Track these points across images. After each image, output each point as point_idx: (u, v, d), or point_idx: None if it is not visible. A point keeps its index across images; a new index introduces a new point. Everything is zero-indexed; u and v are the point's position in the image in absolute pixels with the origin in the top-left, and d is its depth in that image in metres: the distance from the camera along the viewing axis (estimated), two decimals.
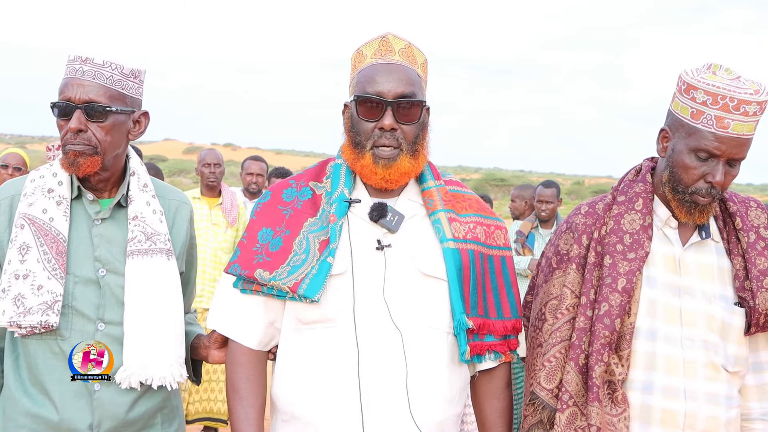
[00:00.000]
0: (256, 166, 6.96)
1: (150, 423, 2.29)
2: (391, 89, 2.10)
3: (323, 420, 2.06)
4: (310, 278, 2.05)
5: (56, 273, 2.17)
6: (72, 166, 2.21)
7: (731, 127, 2.03)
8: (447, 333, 2.13)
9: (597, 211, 2.24)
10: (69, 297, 2.19)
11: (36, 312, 2.12)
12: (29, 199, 2.24)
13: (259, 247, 2.14)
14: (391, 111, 2.09)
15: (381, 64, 2.15)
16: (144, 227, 2.27)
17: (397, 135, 2.11)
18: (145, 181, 2.35)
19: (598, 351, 2.10)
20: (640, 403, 2.12)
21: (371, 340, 2.05)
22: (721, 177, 2.06)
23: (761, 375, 2.23)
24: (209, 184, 6.30)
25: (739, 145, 2.04)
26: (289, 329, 2.16)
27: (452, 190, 2.26)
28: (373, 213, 2.13)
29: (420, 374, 2.07)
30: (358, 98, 2.12)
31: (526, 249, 6.57)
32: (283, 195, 2.21)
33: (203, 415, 5.93)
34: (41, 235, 2.19)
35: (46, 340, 2.19)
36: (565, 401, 2.14)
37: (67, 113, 2.20)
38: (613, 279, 2.13)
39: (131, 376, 2.19)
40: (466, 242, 2.16)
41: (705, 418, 2.10)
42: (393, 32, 2.20)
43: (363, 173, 2.15)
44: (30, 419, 2.19)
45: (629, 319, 2.12)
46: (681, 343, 2.12)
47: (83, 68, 2.19)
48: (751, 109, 2.02)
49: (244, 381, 2.17)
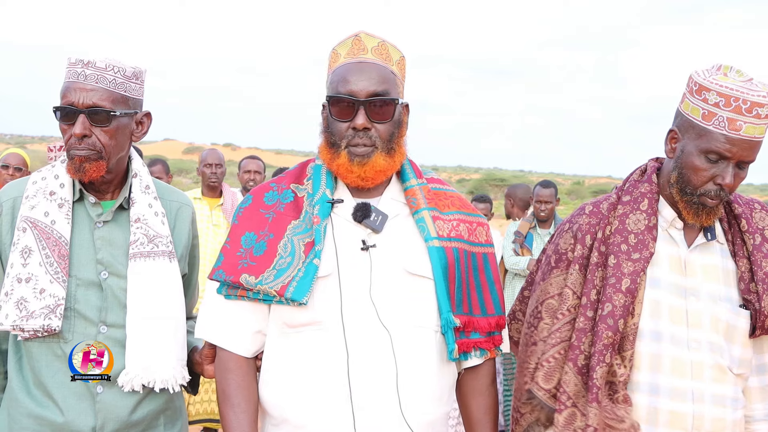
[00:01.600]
0: (253, 164, 6.96)
1: (153, 425, 2.30)
2: (362, 88, 2.08)
3: (314, 422, 2.05)
4: (297, 281, 2.04)
5: (58, 276, 2.17)
6: (78, 171, 2.21)
7: (743, 130, 2.01)
8: (435, 331, 2.12)
9: (601, 211, 2.23)
10: (71, 300, 2.20)
11: (38, 316, 2.13)
12: (31, 201, 2.24)
13: (243, 252, 2.11)
14: (363, 110, 2.08)
15: (353, 63, 2.13)
16: (146, 230, 2.27)
17: (371, 134, 2.09)
18: (147, 182, 2.35)
19: (601, 352, 2.08)
20: (646, 404, 2.11)
21: (360, 341, 2.04)
22: (731, 179, 2.05)
23: (765, 377, 2.22)
24: (210, 185, 6.29)
25: (750, 147, 2.03)
26: (275, 333, 2.14)
27: (434, 188, 2.25)
28: (357, 213, 2.12)
29: (410, 374, 2.06)
30: (330, 98, 2.11)
31: (525, 249, 6.57)
32: (265, 198, 2.19)
33: (204, 417, 5.92)
34: (43, 238, 2.19)
35: (49, 343, 2.19)
36: (564, 402, 2.13)
37: (71, 118, 2.20)
38: (617, 279, 2.11)
39: (134, 379, 2.19)
40: (450, 240, 2.16)
41: (712, 419, 2.09)
42: (365, 30, 2.19)
43: (339, 172, 2.13)
44: (33, 421, 2.20)
45: (632, 319, 2.11)
46: (687, 345, 2.11)
47: (85, 72, 2.18)
48: (763, 112, 2.01)
49: (235, 388, 2.14)
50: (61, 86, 2.23)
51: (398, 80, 2.17)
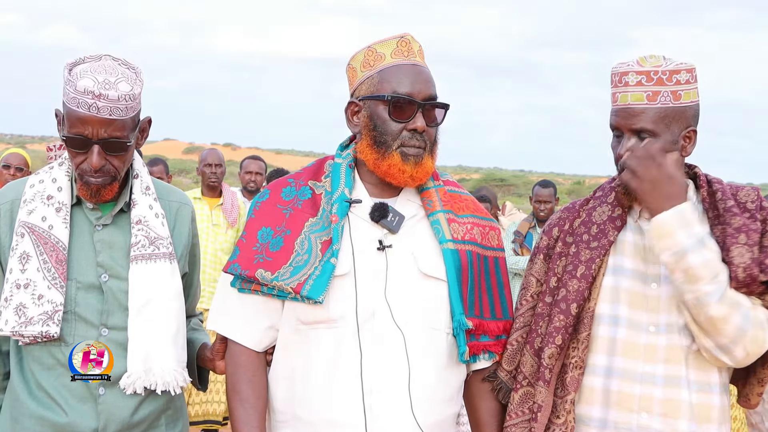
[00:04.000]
0: (254, 164, 6.97)
1: (154, 425, 2.30)
2: (420, 91, 2.11)
3: (325, 420, 2.06)
4: (314, 279, 2.04)
5: (56, 282, 2.16)
6: (94, 196, 2.21)
7: (620, 100, 2.15)
8: (447, 333, 2.13)
9: (575, 206, 2.33)
10: (71, 303, 2.19)
11: (37, 322, 2.12)
12: (29, 206, 2.22)
13: (259, 247, 2.11)
14: (421, 113, 2.10)
15: (407, 65, 2.14)
16: (147, 231, 2.26)
17: (424, 136, 2.12)
18: (148, 183, 2.34)
19: (551, 333, 2.16)
20: (601, 386, 2.16)
21: (374, 341, 2.05)
22: (623, 150, 2.12)
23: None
24: (210, 185, 6.30)
25: (630, 115, 2.12)
26: (288, 329, 2.14)
27: (450, 191, 2.26)
28: (375, 213, 2.12)
29: (422, 375, 2.07)
30: (392, 99, 2.10)
31: (525, 249, 6.59)
32: (282, 194, 2.19)
33: (203, 418, 5.93)
34: (41, 243, 2.18)
35: (49, 347, 2.19)
36: (520, 381, 2.22)
37: (83, 146, 2.15)
38: (574, 266, 2.19)
39: (135, 382, 2.19)
40: (464, 243, 2.17)
41: (661, 401, 2.11)
42: (410, 33, 2.19)
43: (390, 172, 2.13)
44: (36, 422, 2.20)
45: (588, 304, 2.17)
46: (646, 329, 2.14)
47: (98, 104, 2.10)
48: (630, 79, 2.12)
49: (245, 382, 2.14)
50: (65, 104, 2.16)
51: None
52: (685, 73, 2.13)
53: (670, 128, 2.12)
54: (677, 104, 2.12)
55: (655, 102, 2.11)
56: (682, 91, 2.12)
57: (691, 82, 2.14)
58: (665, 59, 2.14)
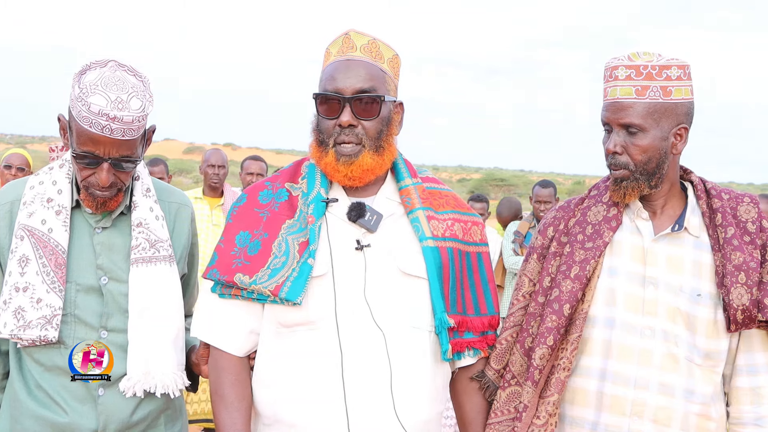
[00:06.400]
0: (255, 165, 6.98)
1: (154, 424, 2.31)
2: (348, 85, 2.09)
3: (308, 422, 2.05)
4: (292, 281, 2.04)
5: (55, 286, 2.16)
6: (99, 208, 2.22)
7: (609, 94, 2.14)
8: (428, 332, 2.12)
9: (569, 205, 2.32)
10: (71, 305, 2.20)
11: (35, 326, 2.13)
12: (29, 208, 2.22)
13: (237, 251, 2.11)
14: (348, 107, 2.08)
15: (341, 61, 2.14)
16: (148, 234, 2.26)
17: (357, 131, 2.09)
18: (148, 185, 2.34)
19: (542, 334, 2.15)
20: (595, 389, 2.15)
21: (354, 341, 2.04)
22: (612, 145, 2.13)
23: (755, 378, 2.17)
24: (212, 185, 6.31)
25: (619, 109, 2.11)
26: (268, 333, 2.14)
27: (429, 188, 2.24)
28: (352, 213, 2.11)
29: (404, 374, 2.06)
30: (317, 96, 2.12)
31: (524, 249, 6.59)
32: (259, 197, 2.19)
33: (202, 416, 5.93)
34: (40, 246, 2.18)
35: (48, 348, 2.19)
36: (508, 380, 2.22)
37: (93, 161, 2.14)
38: (568, 267, 2.17)
39: (135, 384, 2.20)
40: (444, 240, 2.16)
41: (655, 407, 2.10)
42: (356, 28, 2.18)
43: (327, 171, 2.13)
44: (36, 421, 2.20)
45: (582, 305, 2.15)
46: (641, 333, 2.12)
47: (111, 126, 2.08)
48: (619, 74, 2.12)
49: (228, 386, 2.13)
50: (74, 119, 2.13)
51: (389, 78, 2.17)
52: (676, 69, 2.11)
53: (660, 124, 2.10)
54: (667, 100, 2.10)
55: (644, 97, 2.09)
56: (673, 87, 2.10)
57: (683, 78, 2.12)
58: (658, 56, 2.12)
